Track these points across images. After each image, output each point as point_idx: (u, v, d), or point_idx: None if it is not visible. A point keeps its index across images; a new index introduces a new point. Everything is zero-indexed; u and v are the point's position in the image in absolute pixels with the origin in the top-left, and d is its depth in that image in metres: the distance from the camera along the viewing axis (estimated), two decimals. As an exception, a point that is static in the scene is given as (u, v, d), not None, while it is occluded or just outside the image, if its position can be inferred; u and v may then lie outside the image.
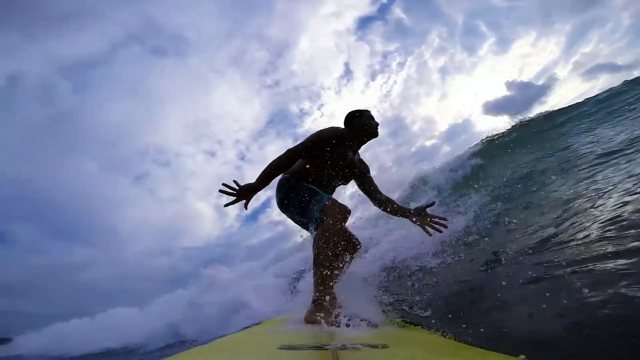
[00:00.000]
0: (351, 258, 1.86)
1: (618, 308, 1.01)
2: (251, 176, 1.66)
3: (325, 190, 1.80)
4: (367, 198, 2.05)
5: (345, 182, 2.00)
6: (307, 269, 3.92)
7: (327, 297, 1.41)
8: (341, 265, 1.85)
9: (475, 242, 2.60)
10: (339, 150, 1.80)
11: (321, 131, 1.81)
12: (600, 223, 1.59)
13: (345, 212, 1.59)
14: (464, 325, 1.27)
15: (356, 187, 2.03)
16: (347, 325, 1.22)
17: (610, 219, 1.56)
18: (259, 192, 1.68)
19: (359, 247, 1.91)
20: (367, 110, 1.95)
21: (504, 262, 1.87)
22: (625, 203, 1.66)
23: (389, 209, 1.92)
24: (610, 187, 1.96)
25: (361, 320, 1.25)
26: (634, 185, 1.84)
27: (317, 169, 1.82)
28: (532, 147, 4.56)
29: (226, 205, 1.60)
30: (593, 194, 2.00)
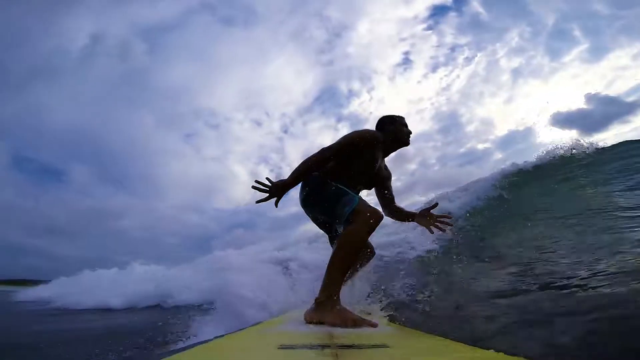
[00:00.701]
0: (363, 265, 1.85)
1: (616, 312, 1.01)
2: (290, 150, 1.64)
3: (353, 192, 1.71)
4: (381, 205, 2.00)
5: (369, 188, 1.94)
6: (306, 265, 3.87)
7: (332, 298, 1.37)
8: (354, 270, 1.83)
9: (477, 244, 2.61)
10: (372, 154, 1.75)
11: (360, 132, 1.74)
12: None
13: (378, 217, 1.49)
14: (464, 326, 1.27)
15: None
16: (347, 325, 1.21)
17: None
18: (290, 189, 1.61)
19: (373, 255, 1.91)
20: (401, 117, 1.91)
21: (505, 264, 1.87)
22: None
23: (398, 216, 1.97)
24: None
25: (361, 319, 1.24)
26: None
27: (346, 170, 1.75)
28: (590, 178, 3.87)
29: (258, 202, 1.54)
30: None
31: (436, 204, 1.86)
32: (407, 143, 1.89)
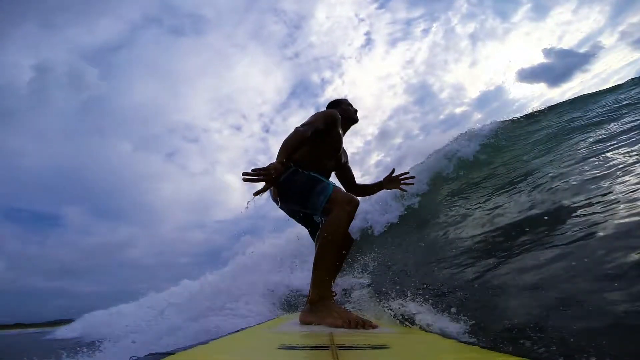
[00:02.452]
0: (346, 255, 1.85)
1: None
2: (276, 149, 1.58)
3: (325, 178, 1.69)
4: (346, 187, 2.06)
5: (338, 169, 1.99)
6: (295, 263, 3.85)
7: (325, 297, 1.37)
8: (339, 263, 1.84)
9: (475, 242, 2.60)
10: (338, 133, 1.78)
11: (325, 111, 1.77)
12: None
13: (355, 203, 1.48)
14: (464, 326, 1.27)
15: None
16: (347, 326, 1.21)
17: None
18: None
19: (352, 242, 1.89)
20: (345, 99, 2.05)
21: (506, 262, 1.87)
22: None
23: (366, 192, 2.08)
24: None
25: (361, 320, 1.23)
26: None
27: (315, 154, 1.73)
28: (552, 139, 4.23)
29: (257, 193, 1.38)
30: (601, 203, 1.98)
31: (394, 169, 2.00)
32: (355, 119, 2.00)
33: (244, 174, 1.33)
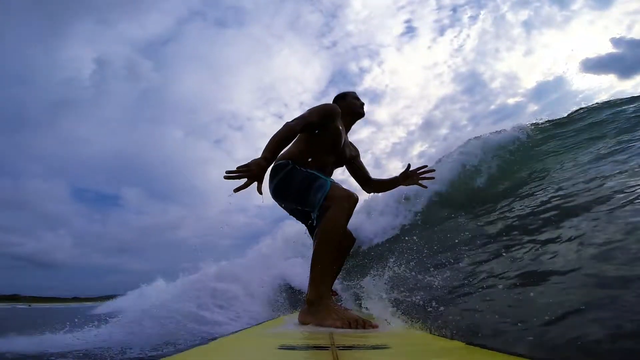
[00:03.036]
0: (347, 255, 1.83)
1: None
2: None
3: (324, 175, 1.64)
4: (360, 183, 2.03)
5: (340, 165, 1.95)
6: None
7: (324, 297, 1.34)
8: (339, 261, 1.81)
9: (478, 243, 2.60)
10: (337, 128, 1.72)
11: (322, 105, 1.72)
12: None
13: (354, 200, 1.45)
14: (464, 326, 1.26)
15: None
16: (347, 326, 1.20)
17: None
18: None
19: (353, 241, 1.87)
20: (352, 92, 1.98)
21: (507, 263, 1.87)
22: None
23: (382, 187, 2.01)
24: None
25: (361, 320, 1.23)
26: None
27: (313, 149, 1.70)
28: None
29: (237, 190, 1.31)
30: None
31: (409, 165, 1.92)
32: (361, 114, 1.93)
33: (226, 172, 1.30)
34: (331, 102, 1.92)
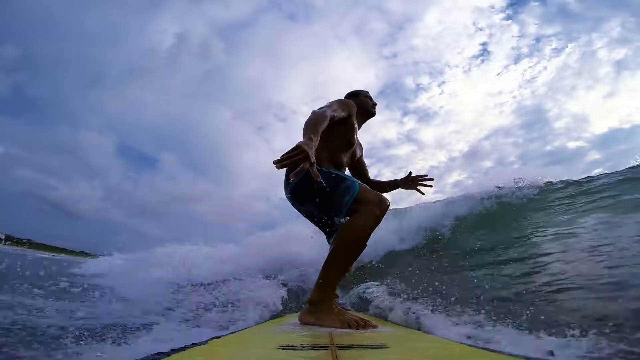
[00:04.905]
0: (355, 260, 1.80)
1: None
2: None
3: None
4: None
5: (351, 164, 1.87)
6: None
7: (326, 298, 1.31)
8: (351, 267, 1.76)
9: (476, 246, 2.60)
10: (353, 123, 1.64)
11: (344, 100, 1.64)
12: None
13: (385, 206, 1.32)
14: (464, 327, 1.26)
15: None
16: (347, 326, 1.21)
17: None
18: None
19: (364, 249, 1.84)
20: (365, 91, 1.91)
21: (507, 264, 1.87)
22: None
23: (382, 189, 1.93)
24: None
25: (361, 320, 1.23)
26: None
27: (331, 148, 1.58)
28: None
29: (295, 174, 1.07)
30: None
31: (410, 172, 1.91)
32: (372, 113, 1.87)
33: (276, 161, 1.09)
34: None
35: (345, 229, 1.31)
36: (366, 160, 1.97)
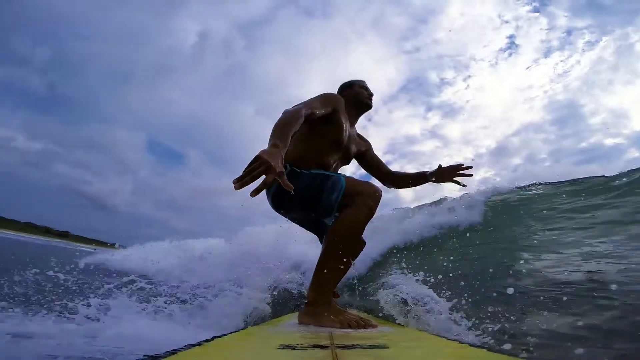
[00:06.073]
0: (354, 258, 1.78)
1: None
2: (374, 139, 1.42)
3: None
4: (378, 178, 1.83)
5: (346, 162, 1.76)
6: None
7: (324, 298, 1.28)
8: (349, 265, 1.75)
9: (479, 244, 2.60)
10: (339, 119, 1.51)
11: (326, 94, 1.48)
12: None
13: (377, 195, 1.26)
14: (464, 327, 1.27)
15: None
16: (347, 326, 1.21)
17: None
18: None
19: (364, 245, 1.72)
20: (361, 80, 1.78)
21: (507, 264, 1.87)
22: None
23: (406, 182, 1.78)
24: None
25: (361, 320, 1.23)
26: None
27: (315, 149, 1.49)
28: None
29: (255, 192, 0.97)
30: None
31: (440, 165, 1.72)
32: (368, 105, 1.72)
33: (235, 180, 0.96)
34: (337, 91, 1.74)
35: (336, 225, 1.27)
36: (388, 157, 1.94)
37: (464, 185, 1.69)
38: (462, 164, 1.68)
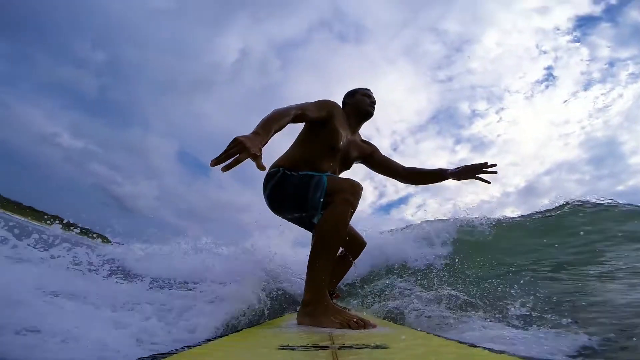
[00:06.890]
0: (354, 259, 1.77)
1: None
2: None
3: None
4: (394, 177, 1.84)
5: (347, 168, 1.79)
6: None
7: (321, 297, 1.27)
8: (342, 264, 1.77)
9: (480, 247, 2.61)
10: (336, 128, 1.55)
11: (322, 100, 1.54)
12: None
13: (356, 189, 1.32)
14: (464, 327, 1.27)
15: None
16: (347, 326, 1.20)
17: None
18: None
19: (364, 245, 1.80)
20: (364, 88, 1.79)
21: (508, 264, 1.87)
22: None
23: (422, 178, 1.78)
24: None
25: (360, 320, 1.22)
26: None
27: (308, 155, 1.55)
28: None
29: (226, 168, 1.04)
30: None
31: (463, 166, 1.72)
32: (369, 112, 1.74)
33: (213, 160, 1.04)
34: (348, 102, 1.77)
35: (321, 222, 1.32)
36: (410, 189, 1.93)
37: (488, 182, 1.68)
38: (487, 162, 1.69)
